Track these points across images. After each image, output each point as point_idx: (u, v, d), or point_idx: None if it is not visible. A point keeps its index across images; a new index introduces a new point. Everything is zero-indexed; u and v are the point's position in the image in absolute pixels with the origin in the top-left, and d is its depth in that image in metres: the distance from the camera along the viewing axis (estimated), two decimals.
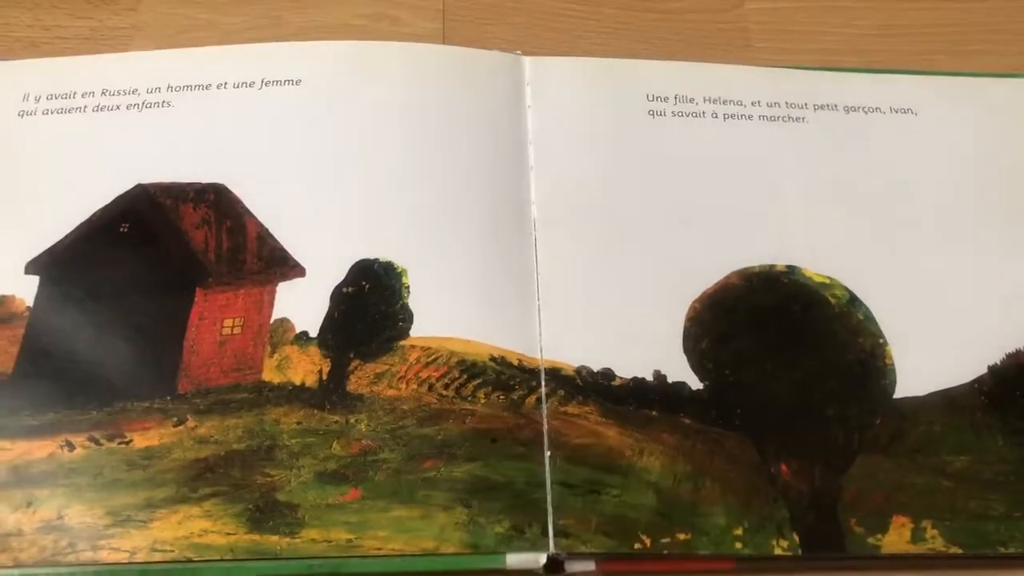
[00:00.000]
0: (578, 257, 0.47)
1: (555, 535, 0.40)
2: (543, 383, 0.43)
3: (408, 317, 0.45)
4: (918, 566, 0.41)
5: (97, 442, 0.41)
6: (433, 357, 0.44)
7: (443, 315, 0.45)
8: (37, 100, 0.51)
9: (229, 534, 0.39)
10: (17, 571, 0.38)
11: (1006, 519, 0.42)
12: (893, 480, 0.42)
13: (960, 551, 0.41)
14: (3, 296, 0.45)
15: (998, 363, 0.46)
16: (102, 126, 0.50)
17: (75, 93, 0.51)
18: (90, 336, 0.44)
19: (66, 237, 0.46)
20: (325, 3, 0.57)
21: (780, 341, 0.46)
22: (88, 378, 0.43)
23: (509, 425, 0.42)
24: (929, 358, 0.45)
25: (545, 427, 0.42)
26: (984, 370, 0.45)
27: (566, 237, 0.48)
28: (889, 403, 0.44)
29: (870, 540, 0.41)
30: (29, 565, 0.38)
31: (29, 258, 0.46)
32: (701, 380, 0.44)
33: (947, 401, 0.45)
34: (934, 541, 0.41)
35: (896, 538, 0.41)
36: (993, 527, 0.41)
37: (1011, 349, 0.46)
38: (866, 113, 0.54)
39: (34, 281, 0.45)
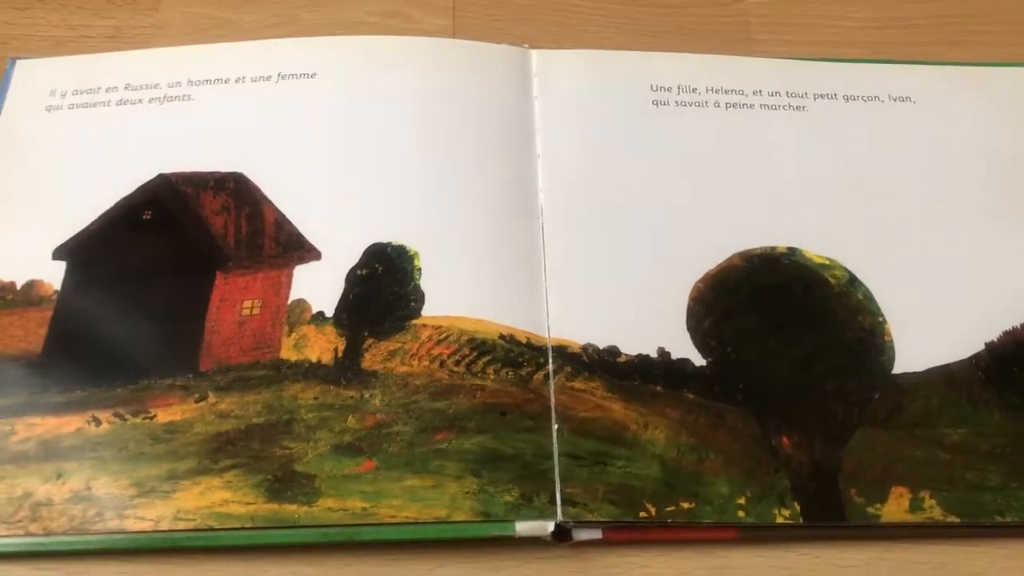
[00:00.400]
0: (584, 239, 0.49)
1: (562, 504, 0.41)
2: (550, 360, 0.45)
3: (420, 298, 0.46)
4: (917, 535, 0.42)
5: (122, 417, 0.43)
6: (444, 335, 0.45)
7: (454, 295, 0.46)
8: (63, 96, 0.53)
9: (249, 503, 0.41)
10: (48, 539, 0.40)
11: (1003, 489, 0.43)
12: (892, 452, 0.43)
13: (957, 520, 0.42)
14: (32, 280, 0.47)
15: (995, 340, 0.47)
16: (125, 119, 0.52)
17: (99, 88, 0.53)
18: (115, 318, 0.46)
19: (91, 224, 0.48)
20: (339, 1, 0.59)
21: (781, 320, 0.47)
22: (113, 357, 0.44)
23: (518, 400, 0.44)
24: (928, 336, 0.47)
25: (552, 401, 0.44)
26: (982, 347, 0.46)
27: (572, 221, 0.49)
28: (888, 379, 0.46)
29: (870, 510, 0.42)
30: (59, 533, 0.40)
31: (56, 245, 0.48)
32: (704, 357, 0.46)
33: (945, 377, 0.46)
34: (932, 511, 0.42)
35: (895, 508, 0.42)
36: (990, 497, 0.42)
37: (1008, 327, 0.47)
38: (866, 102, 0.55)
39: (61, 266, 0.47)
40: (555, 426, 0.43)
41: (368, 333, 0.45)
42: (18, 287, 0.46)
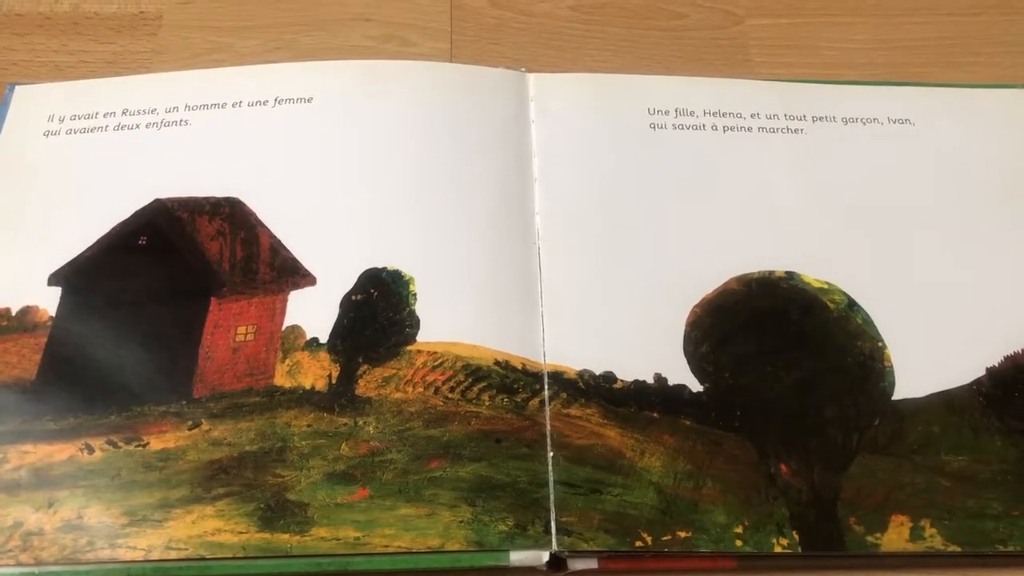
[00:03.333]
0: (581, 264, 0.48)
1: (557, 533, 0.41)
2: (546, 386, 0.45)
3: (415, 323, 0.46)
4: (917, 564, 0.42)
5: (115, 445, 0.43)
6: (439, 361, 0.45)
7: (449, 321, 0.46)
8: (61, 121, 0.53)
9: (241, 533, 0.40)
10: (38, 569, 0.40)
11: (1004, 518, 0.42)
12: (892, 479, 0.43)
13: (959, 549, 0.41)
14: (27, 306, 0.47)
15: (996, 365, 0.46)
16: (122, 145, 0.52)
17: (97, 114, 0.53)
18: (109, 344, 0.45)
19: (87, 250, 0.48)
20: (336, 26, 0.59)
21: (779, 345, 0.46)
22: (107, 384, 0.44)
23: (513, 427, 0.43)
24: (928, 361, 0.46)
25: (548, 428, 0.43)
26: (982, 372, 0.46)
27: (569, 245, 0.49)
28: (888, 404, 0.45)
29: (869, 538, 0.41)
30: (50, 563, 0.40)
31: (52, 270, 0.48)
32: (701, 383, 0.45)
33: (946, 402, 0.45)
34: (933, 539, 0.41)
35: (895, 536, 0.41)
36: (992, 526, 0.42)
37: (1009, 351, 0.47)
38: (864, 124, 0.55)
39: (57, 292, 0.47)
40: (550, 453, 0.43)
41: (362, 359, 0.45)
42: (13, 313, 0.46)
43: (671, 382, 0.45)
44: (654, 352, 0.46)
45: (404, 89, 0.53)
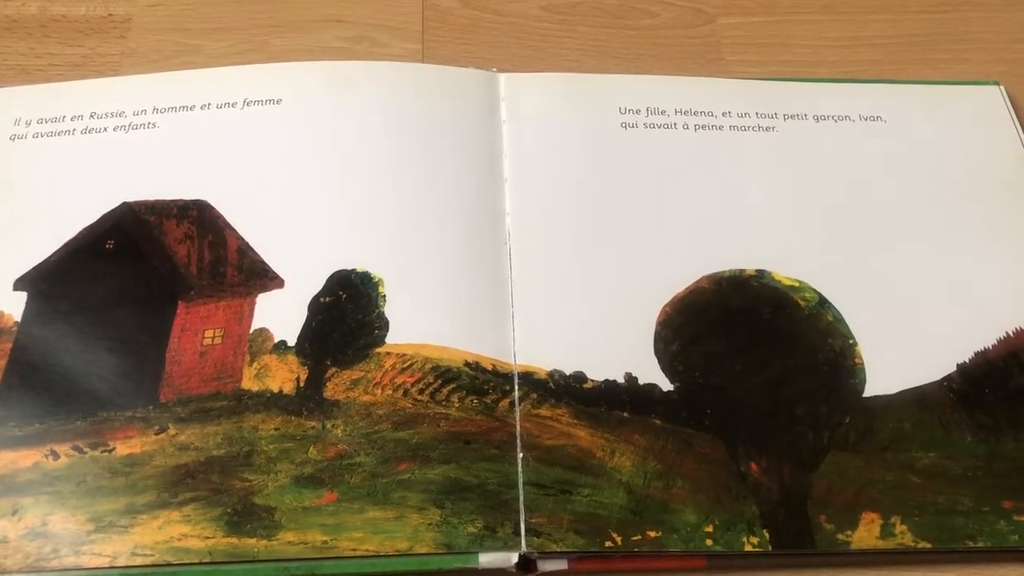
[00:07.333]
0: (551, 264, 0.48)
1: (527, 534, 0.40)
2: (516, 387, 0.44)
3: (384, 325, 0.46)
4: (888, 561, 0.42)
5: (81, 451, 0.42)
6: (408, 363, 0.45)
7: (419, 322, 0.46)
8: (28, 124, 0.53)
9: (208, 538, 0.40)
10: None
11: (974, 513, 0.42)
12: (862, 477, 0.43)
13: (929, 546, 0.41)
14: None
15: (966, 361, 0.46)
16: (90, 148, 0.52)
17: (64, 117, 0.53)
18: (75, 349, 0.45)
19: (53, 254, 0.48)
20: (307, 27, 0.59)
21: (750, 343, 0.46)
22: (73, 389, 0.44)
23: (483, 428, 0.43)
24: (899, 357, 0.46)
25: (518, 429, 0.43)
26: (953, 368, 0.46)
27: (540, 245, 0.49)
28: (858, 401, 0.45)
29: (840, 536, 0.41)
30: (14, 571, 0.39)
31: (18, 275, 0.47)
32: (672, 382, 0.45)
33: (916, 399, 0.45)
34: (903, 536, 0.41)
35: (866, 534, 0.41)
36: (962, 521, 0.42)
37: (979, 347, 0.47)
38: (836, 122, 0.55)
39: (22, 297, 0.47)
40: (520, 454, 0.43)
41: (331, 362, 0.45)
42: None
43: (642, 381, 0.45)
44: (625, 352, 0.46)
45: (374, 90, 0.53)
